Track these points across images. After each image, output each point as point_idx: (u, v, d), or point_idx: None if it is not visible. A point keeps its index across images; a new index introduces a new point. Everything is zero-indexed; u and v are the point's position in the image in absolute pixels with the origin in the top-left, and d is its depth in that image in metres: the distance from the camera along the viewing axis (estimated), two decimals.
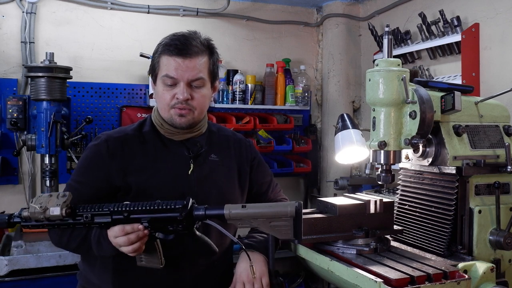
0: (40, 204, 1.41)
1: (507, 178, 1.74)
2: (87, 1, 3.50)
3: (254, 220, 1.42)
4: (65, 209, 1.41)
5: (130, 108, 3.56)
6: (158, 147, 1.76)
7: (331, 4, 4.08)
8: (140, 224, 1.45)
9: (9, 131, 3.24)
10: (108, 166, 1.69)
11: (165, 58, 1.70)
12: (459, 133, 1.70)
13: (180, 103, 1.68)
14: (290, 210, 1.41)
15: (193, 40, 1.71)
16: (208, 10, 3.81)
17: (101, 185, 1.69)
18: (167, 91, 1.70)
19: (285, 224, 1.41)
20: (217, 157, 1.81)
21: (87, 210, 1.45)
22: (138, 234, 1.45)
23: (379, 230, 1.68)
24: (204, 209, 1.45)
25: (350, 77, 4.12)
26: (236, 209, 1.43)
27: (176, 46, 1.68)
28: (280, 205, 1.45)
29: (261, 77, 3.91)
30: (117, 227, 1.46)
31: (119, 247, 1.49)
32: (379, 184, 1.76)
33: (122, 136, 1.75)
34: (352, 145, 1.97)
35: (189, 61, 1.67)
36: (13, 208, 3.28)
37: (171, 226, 1.46)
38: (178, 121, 1.71)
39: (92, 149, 1.75)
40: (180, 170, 1.73)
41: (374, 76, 1.64)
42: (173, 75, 1.67)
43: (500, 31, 2.86)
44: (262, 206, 1.45)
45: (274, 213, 1.41)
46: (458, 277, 1.46)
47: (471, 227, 1.68)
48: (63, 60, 3.26)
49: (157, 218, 1.45)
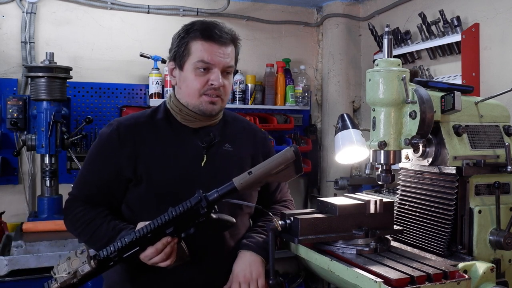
0: (65, 272, 1.40)
1: (507, 178, 1.74)
2: (87, 1, 3.51)
3: (264, 179, 1.49)
4: (92, 261, 1.41)
5: (130, 108, 3.56)
6: (170, 135, 1.73)
7: (331, 4, 4.08)
8: (168, 236, 1.45)
9: (9, 131, 3.25)
10: (119, 153, 1.68)
11: (199, 43, 1.67)
12: (459, 133, 1.70)
13: (214, 89, 1.67)
14: (290, 155, 1.47)
15: (224, 28, 1.71)
16: (208, 10, 3.81)
17: (111, 175, 1.68)
18: (199, 77, 1.68)
19: (289, 169, 1.49)
20: (231, 147, 1.79)
21: (111, 251, 1.44)
22: (171, 245, 1.47)
23: (379, 230, 1.68)
24: (216, 192, 1.48)
25: (350, 77, 4.12)
26: (244, 177, 1.47)
27: (213, 32, 1.67)
28: (280, 156, 1.49)
29: (261, 77, 3.91)
30: (149, 250, 1.46)
31: (156, 264, 1.49)
32: (379, 184, 1.76)
33: (133, 124, 1.73)
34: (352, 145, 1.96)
35: (225, 48, 1.68)
36: (13, 208, 3.31)
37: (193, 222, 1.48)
38: (209, 109, 1.70)
39: (103, 137, 1.73)
40: (192, 162, 1.71)
41: (374, 76, 1.64)
42: (209, 60, 1.66)
43: (500, 31, 2.86)
44: (265, 164, 1.49)
45: (278, 164, 1.47)
46: (458, 277, 1.46)
47: (471, 227, 1.68)
48: (63, 60, 3.26)
49: (181, 221, 1.46)
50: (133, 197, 1.70)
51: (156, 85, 3.51)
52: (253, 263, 1.70)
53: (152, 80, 3.50)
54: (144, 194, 1.67)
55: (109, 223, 1.64)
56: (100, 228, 1.63)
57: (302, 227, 1.63)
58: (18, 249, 2.55)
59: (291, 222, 1.66)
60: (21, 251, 2.54)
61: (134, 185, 1.68)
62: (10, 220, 3.15)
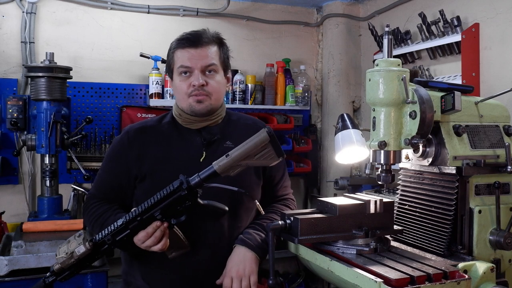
0: (65, 252, 1.54)
1: (507, 178, 1.74)
2: (87, 1, 3.51)
3: (242, 162, 1.53)
4: (87, 243, 1.54)
5: (130, 108, 3.56)
6: (173, 136, 1.86)
7: (331, 4, 4.08)
8: (157, 220, 1.55)
9: (9, 131, 3.25)
10: (128, 154, 1.84)
11: (178, 52, 1.82)
12: (459, 133, 1.70)
13: (197, 89, 1.78)
14: (264, 137, 1.51)
15: (203, 33, 1.84)
16: (208, 10, 3.81)
17: (123, 172, 1.83)
18: (183, 81, 1.81)
19: (266, 151, 1.53)
20: (233, 144, 1.81)
21: (106, 234, 1.56)
22: (161, 229, 1.56)
23: (379, 230, 1.68)
24: (197, 176, 1.54)
25: (350, 77, 4.12)
26: (222, 160, 1.53)
27: (188, 39, 1.81)
28: (254, 137, 1.53)
29: (261, 77, 3.91)
30: (140, 234, 1.57)
31: (149, 248, 1.59)
32: (379, 184, 1.75)
33: (141, 127, 1.90)
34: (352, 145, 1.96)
35: (201, 50, 1.80)
36: (13, 208, 3.32)
37: (180, 206, 1.55)
38: (197, 108, 1.80)
39: (116, 140, 1.92)
40: (192, 158, 1.81)
41: (374, 76, 1.64)
42: (187, 65, 1.79)
43: (500, 31, 2.86)
44: (240, 147, 1.54)
45: (253, 146, 1.52)
46: (458, 277, 1.46)
47: (471, 227, 1.68)
48: (63, 60, 3.27)
49: (166, 205, 1.54)
50: (139, 193, 1.83)
51: (156, 85, 3.51)
52: (247, 259, 1.72)
53: (152, 80, 3.50)
54: (148, 190, 1.74)
55: (116, 216, 1.74)
56: (108, 221, 1.73)
57: (302, 227, 1.63)
58: (18, 249, 2.54)
59: (291, 222, 1.66)
60: (21, 251, 2.54)
61: (139, 182, 1.82)
62: (10, 220, 3.15)
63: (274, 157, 1.54)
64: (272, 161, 1.56)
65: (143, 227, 1.56)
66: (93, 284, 2.62)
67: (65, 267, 1.54)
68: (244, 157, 1.52)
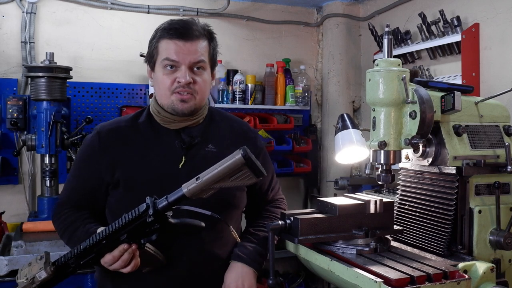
0: (25, 276, 1.42)
1: (507, 178, 1.74)
2: (87, 1, 3.51)
3: (214, 185, 1.39)
4: (49, 268, 1.42)
5: (130, 108, 3.56)
6: (150, 139, 1.70)
7: (331, 4, 4.08)
8: (124, 243, 1.43)
9: (9, 131, 3.24)
10: (100, 160, 1.68)
11: (164, 42, 1.65)
12: (459, 133, 1.70)
13: (182, 87, 1.63)
14: (239, 160, 1.35)
15: (193, 25, 1.67)
16: (208, 10, 3.81)
17: (94, 178, 1.69)
18: (167, 76, 1.64)
19: (243, 173, 1.38)
20: (215, 148, 1.72)
21: (70, 257, 1.44)
22: (128, 252, 1.44)
23: (379, 230, 1.68)
24: (165, 199, 1.41)
25: (350, 77, 4.12)
26: (192, 184, 1.39)
27: (176, 29, 1.64)
28: (228, 161, 1.37)
29: (261, 77, 3.91)
30: (107, 257, 1.45)
31: (119, 270, 1.47)
32: (379, 184, 1.75)
33: (114, 128, 1.73)
34: (352, 145, 1.96)
35: (190, 44, 1.63)
36: (13, 208, 3.31)
37: (148, 229, 1.44)
38: (180, 107, 1.65)
39: (86, 142, 1.75)
40: (170, 164, 1.67)
41: (374, 76, 1.64)
42: (174, 58, 1.62)
43: (500, 31, 2.86)
44: (213, 171, 1.39)
45: (227, 170, 1.37)
46: (458, 277, 1.46)
47: (471, 227, 1.68)
48: (63, 60, 3.26)
49: (132, 228, 1.43)
50: (113, 201, 1.70)
51: None
52: (245, 274, 1.68)
53: None
54: (122, 198, 1.66)
55: (85, 226, 1.63)
56: (77, 231, 1.63)
57: (302, 227, 1.63)
58: (18, 249, 2.54)
59: (291, 222, 1.66)
60: (21, 251, 2.54)
61: (112, 189, 1.68)
62: (10, 220, 3.15)
63: (252, 177, 1.40)
64: (250, 181, 1.41)
65: (109, 249, 1.44)
66: (93, 284, 2.62)
67: None
68: (216, 180, 1.38)
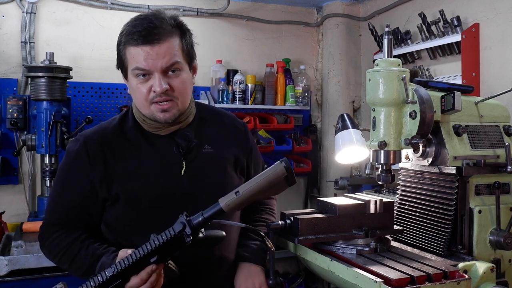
0: None
1: (507, 178, 1.74)
2: (87, 1, 3.51)
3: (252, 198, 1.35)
4: None
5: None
6: (144, 146, 1.58)
7: (331, 4, 4.08)
8: (153, 264, 1.33)
9: (9, 131, 3.24)
10: (90, 174, 1.54)
11: (131, 49, 1.48)
12: (459, 133, 1.70)
13: (159, 95, 1.49)
14: (280, 171, 1.33)
15: (159, 22, 1.48)
16: (208, 10, 3.81)
17: (85, 194, 1.56)
18: (141, 85, 1.50)
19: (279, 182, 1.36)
20: (211, 148, 1.65)
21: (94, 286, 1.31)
22: (156, 273, 1.35)
23: (379, 230, 1.68)
24: (201, 215, 1.34)
25: (350, 77, 4.12)
26: (231, 198, 1.34)
27: (139, 33, 1.46)
28: (270, 172, 1.34)
29: (261, 77, 3.91)
30: (133, 281, 1.33)
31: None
32: (379, 184, 1.75)
33: (101, 137, 1.58)
34: (352, 145, 1.96)
35: (158, 47, 1.46)
36: (13, 208, 3.31)
37: (180, 247, 1.36)
38: (162, 117, 1.53)
39: (71, 155, 1.59)
40: (170, 171, 1.57)
41: (374, 76, 1.64)
42: (143, 67, 1.47)
43: (500, 31, 2.86)
44: (252, 182, 1.35)
45: (268, 182, 1.34)
46: (458, 277, 1.46)
47: (471, 227, 1.68)
48: (63, 60, 3.26)
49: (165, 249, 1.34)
50: (111, 217, 1.59)
51: None
52: (253, 273, 1.69)
53: None
54: (124, 214, 1.56)
55: (88, 248, 1.53)
56: (79, 255, 1.52)
57: (302, 227, 1.63)
58: (18, 249, 2.54)
59: (291, 222, 1.66)
60: (21, 251, 2.54)
61: (110, 205, 1.56)
62: (10, 220, 3.15)
63: (284, 185, 1.37)
64: (282, 189, 1.39)
65: (135, 272, 1.34)
66: None
67: None
68: (256, 193, 1.34)
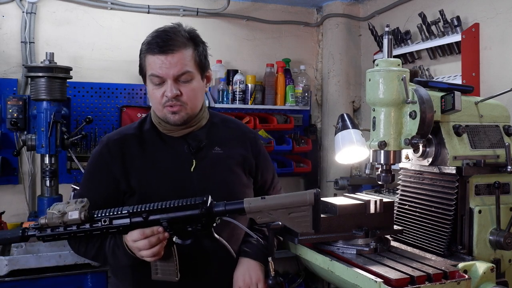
0: (59, 210, 1.39)
1: (507, 178, 1.75)
2: (87, 1, 3.50)
3: (273, 212, 1.38)
4: (83, 213, 1.39)
5: (130, 108, 3.56)
6: (158, 146, 1.75)
7: (331, 4, 4.08)
8: (160, 226, 1.42)
9: (9, 131, 3.24)
10: (113, 168, 1.70)
11: (149, 57, 1.68)
12: (459, 133, 1.70)
13: (170, 100, 1.66)
14: (309, 198, 1.36)
15: (174, 34, 1.67)
16: (208, 10, 3.81)
17: (109, 189, 1.70)
18: (156, 90, 1.68)
19: (304, 215, 1.37)
20: (221, 150, 1.77)
21: (105, 215, 1.43)
22: (158, 237, 1.43)
23: (379, 230, 1.68)
24: (223, 204, 1.42)
25: (350, 77, 4.12)
26: (256, 201, 1.40)
27: (157, 43, 1.65)
28: (299, 194, 1.39)
29: (261, 77, 3.91)
30: (136, 232, 1.43)
31: (138, 251, 1.47)
32: (379, 184, 1.75)
33: (121, 138, 1.76)
34: (352, 145, 1.96)
35: (171, 57, 1.64)
36: (13, 208, 3.31)
37: (190, 226, 1.42)
38: (172, 119, 1.69)
39: (95, 155, 1.77)
40: (181, 168, 1.71)
41: (374, 76, 1.64)
42: (158, 74, 1.65)
43: (500, 31, 2.86)
44: (281, 197, 1.42)
45: (293, 202, 1.37)
46: (458, 277, 1.46)
47: (471, 227, 1.69)
48: (63, 60, 3.26)
49: (177, 217, 1.41)
50: None
51: None
52: (252, 268, 1.72)
53: None
54: None
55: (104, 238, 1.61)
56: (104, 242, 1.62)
57: None
58: (18, 249, 2.55)
59: None
60: (21, 251, 2.54)
61: (128, 197, 1.70)
62: (10, 220, 3.15)
63: (308, 225, 1.38)
64: (303, 229, 1.39)
65: (143, 226, 1.43)
66: (93, 284, 2.62)
67: (50, 225, 1.39)
68: (279, 207, 1.38)
